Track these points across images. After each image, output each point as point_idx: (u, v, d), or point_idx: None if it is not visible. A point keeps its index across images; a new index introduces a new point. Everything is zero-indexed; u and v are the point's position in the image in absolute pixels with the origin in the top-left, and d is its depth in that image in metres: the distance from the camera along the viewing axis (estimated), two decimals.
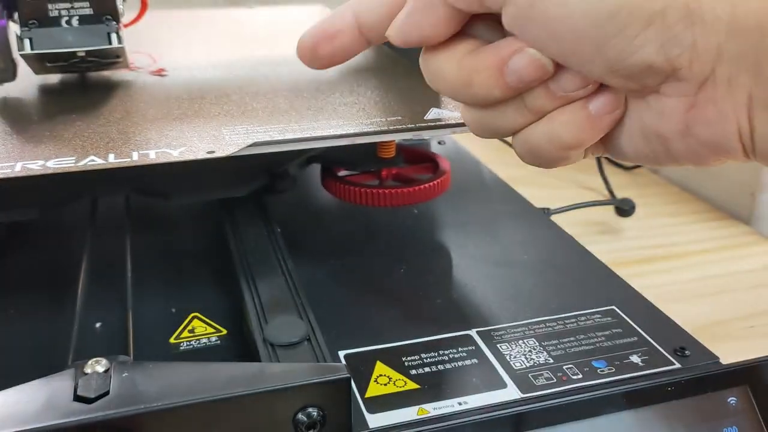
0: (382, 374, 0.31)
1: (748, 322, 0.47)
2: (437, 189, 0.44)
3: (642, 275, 0.53)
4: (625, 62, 0.21)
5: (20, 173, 0.32)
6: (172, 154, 0.34)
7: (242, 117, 0.40)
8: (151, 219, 0.47)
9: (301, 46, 0.26)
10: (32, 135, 0.38)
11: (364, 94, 0.44)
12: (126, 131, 0.38)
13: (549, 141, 0.24)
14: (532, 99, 0.24)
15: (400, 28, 0.24)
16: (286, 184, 0.46)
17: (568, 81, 0.23)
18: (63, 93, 0.47)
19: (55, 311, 0.36)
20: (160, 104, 0.43)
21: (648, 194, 0.68)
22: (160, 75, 0.50)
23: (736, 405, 0.30)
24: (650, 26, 0.21)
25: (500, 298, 0.37)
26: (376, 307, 0.37)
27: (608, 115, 0.24)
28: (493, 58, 0.23)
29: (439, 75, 0.25)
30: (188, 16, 0.71)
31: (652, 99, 0.23)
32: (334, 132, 0.37)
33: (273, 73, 0.50)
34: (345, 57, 0.27)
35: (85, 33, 0.42)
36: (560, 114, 0.24)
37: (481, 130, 0.26)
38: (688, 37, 0.21)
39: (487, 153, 0.63)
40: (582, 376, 0.31)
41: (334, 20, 0.26)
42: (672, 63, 0.21)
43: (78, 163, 0.33)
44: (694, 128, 0.22)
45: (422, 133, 0.38)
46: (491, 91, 0.24)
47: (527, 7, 0.22)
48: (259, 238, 0.41)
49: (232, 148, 0.35)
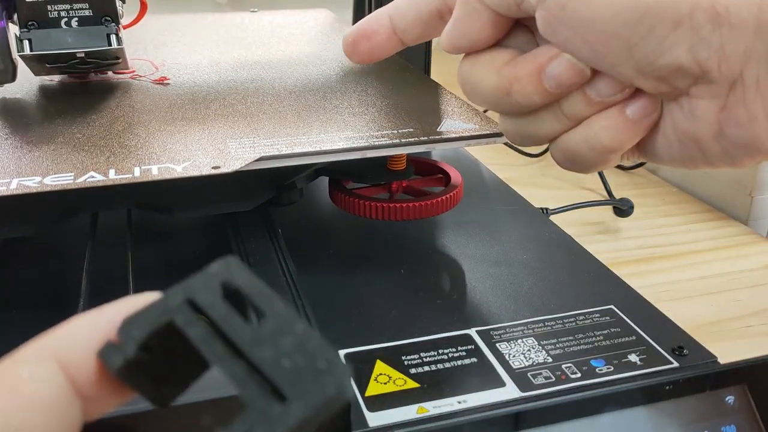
0: (381, 373, 0.31)
1: (745, 321, 0.48)
2: (449, 202, 0.43)
3: (640, 275, 0.53)
4: (655, 63, 0.22)
5: (16, 191, 0.31)
6: (175, 169, 0.33)
7: (248, 129, 0.39)
8: (153, 232, 0.46)
9: (344, 41, 0.29)
10: (30, 148, 0.36)
11: (373, 104, 0.43)
12: (128, 144, 0.37)
13: (588, 146, 0.25)
14: (569, 105, 0.25)
15: (449, 34, 0.26)
16: (292, 197, 0.44)
17: (604, 86, 0.24)
18: (63, 99, 0.46)
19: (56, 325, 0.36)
20: (163, 115, 0.42)
21: (646, 194, 0.68)
22: (162, 84, 0.49)
23: (734, 404, 0.31)
24: (678, 28, 0.21)
25: (499, 298, 0.38)
26: (376, 306, 0.37)
27: (646, 118, 0.24)
28: (532, 65, 0.24)
29: (479, 85, 0.26)
30: (191, 21, 0.69)
31: (684, 101, 0.23)
32: (343, 145, 0.36)
33: (279, 81, 0.49)
34: (382, 54, 0.29)
35: (84, 34, 0.42)
36: (598, 119, 0.24)
37: (520, 139, 0.27)
38: (715, 39, 0.21)
39: (486, 153, 0.63)
40: (580, 375, 0.31)
41: (371, 20, 0.28)
42: (701, 65, 0.21)
43: (77, 180, 0.32)
44: (726, 130, 0.22)
45: (435, 146, 0.37)
46: (530, 97, 0.25)
47: (559, 9, 0.22)
48: (265, 253, 0.40)
49: (238, 163, 0.33)
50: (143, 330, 0.15)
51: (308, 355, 0.14)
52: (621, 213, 0.61)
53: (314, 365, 0.14)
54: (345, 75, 0.50)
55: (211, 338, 0.15)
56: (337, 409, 0.14)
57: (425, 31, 0.28)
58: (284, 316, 0.15)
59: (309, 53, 0.57)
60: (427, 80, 0.49)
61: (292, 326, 0.15)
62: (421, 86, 0.47)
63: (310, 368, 0.14)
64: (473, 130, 0.38)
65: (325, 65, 0.53)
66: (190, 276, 0.16)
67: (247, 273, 0.16)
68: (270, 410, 0.14)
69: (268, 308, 0.15)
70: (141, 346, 0.15)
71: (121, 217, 0.43)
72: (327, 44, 0.61)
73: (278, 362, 0.14)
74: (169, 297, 0.16)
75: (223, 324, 0.15)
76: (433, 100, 0.44)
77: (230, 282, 0.15)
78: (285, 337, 0.15)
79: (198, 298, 0.15)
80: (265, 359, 0.14)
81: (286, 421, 0.14)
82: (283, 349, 0.14)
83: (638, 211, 0.61)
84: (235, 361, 0.15)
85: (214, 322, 0.15)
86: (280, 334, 0.15)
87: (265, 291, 0.15)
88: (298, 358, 0.14)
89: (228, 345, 0.15)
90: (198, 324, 0.15)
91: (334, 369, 0.14)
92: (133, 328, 0.15)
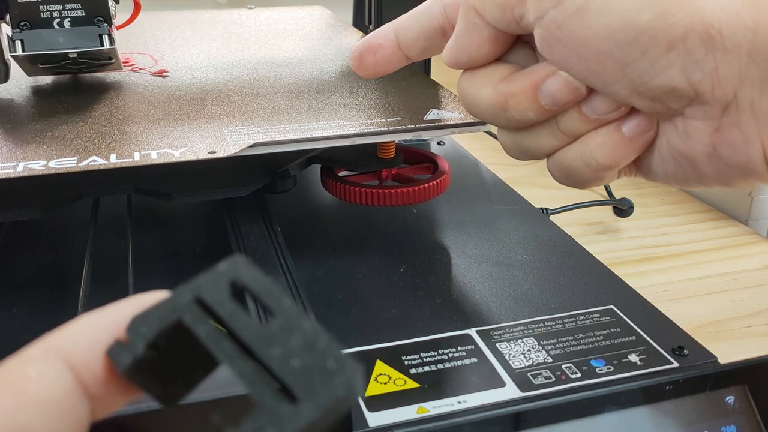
0: (382, 373, 0.31)
1: (745, 321, 0.48)
2: (437, 189, 0.44)
3: (640, 275, 0.53)
4: (649, 84, 0.22)
5: (23, 173, 0.32)
6: (173, 154, 0.34)
7: (243, 117, 0.40)
8: (152, 218, 0.47)
9: (351, 55, 0.29)
10: (34, 135, 0.38)
11: (364, 95, 0.44)
12: (128, 132, 0.38)
13: (584, 162, 0.25)
14: (565, 122, 0.25)
15: (450, 49, 0.26)
16: (286, 184, 0.46)
17: (600, 104, 0.24)
18: (63, 94, 0.47)
19: (57, 310, 0.36)
20: (161, 105, 0.43)
21: (646, 194, 0.68)
22: (161, 76, 0.50)
23: (734, 404, 0.31)
24: (672, 50, 0.21)
25: (499, 298, 0.38)
26: (376, 306, 0.37)
27: (641, 136, 0.24)
28: (528, 81, 0.25)
29: (477, 99, 0.26)
30: (189, 18, 0.70)
31: (679, 121, 0.23)
32: (335, 132, 0.37)
33: (274, 74, 0.50)
34: (387, 68, 0.29)
35: (76, 35, 0.42)
36: (594, 136, 0.25)
37: (516, 152, 0.28)
38: (709, 62, 0.21)
39: (486, 153, 0.63)
40: (581, 375, 0.31)
41: (377, 35, 0.29)
42: (694, 87, 0.21)
43: (80, 164, 0.33)
44: (720, 150, 0.23)
45: (422, 133, 0.38)
46: (526, 113, 0.25)
47: (555, 28, 0.23)
48: (260, 238, 0.41)
49: (233, 149, 0.35)
50: (152, 328, 0.15)
51: (317, 355, 0.14)
52: (621, 213, 0.61)
53: (324, 365, 0.14)
54: (338, 69, 0.52)
55: (220, 337, 0.15)
56: (345, 409, 0.14)
57: (429, 46, 0.28)
58: (292, 314, 0.15)
59: (304, 48, 0.59)
60: (417, 73, 0.50)
61: (301, 325, 0.15)
62: (410, 79, 0.48)
63: (319, 368, 0.14)
64: (459, 119, 0.39)
65: (319, 60, 0.54)
66: (197, 275, 0.16)
67: (254, 271, 0.16)
68: (280, 410, 0.14)
69: (276, 306, 0.15)
70: (150, 345, 0.15)
71: (122, 203, 0.44)
72: (321, 40, 0.62)
73: (288, 361, 0.14)
74: (177, 296, 0.16)
75: (232, 322, 0.15)
76: (422, 92, 0.46)
77: (238, 280, 0.15)
78: (294, 336, 0.14)
79: (206, 296, 0.15)
80: (275, 358, 0.14)
81: (296, 422, 0.14)
82: (292, 348, 0.14)
83: (638, 211, 0.61)
84: (244, 360, 0.15)
85: (223, 321, 0.15)
86: (288, 332, 0.15)
87: (273, 289, 0.15)
88: (308, 357, 0.14)
89: (237, 344, 0.15)
90: (207, 323, 0.15)
91: (343, 369, 0.14)
92: (142, 327, 0.15)
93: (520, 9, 0.23)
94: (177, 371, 0.16)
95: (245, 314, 0.15)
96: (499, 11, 0.24)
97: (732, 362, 0.31)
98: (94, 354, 0.15)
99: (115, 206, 0.46)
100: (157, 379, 0.16)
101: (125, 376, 0.15)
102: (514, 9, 0.24)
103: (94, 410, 0.15)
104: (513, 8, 0.24)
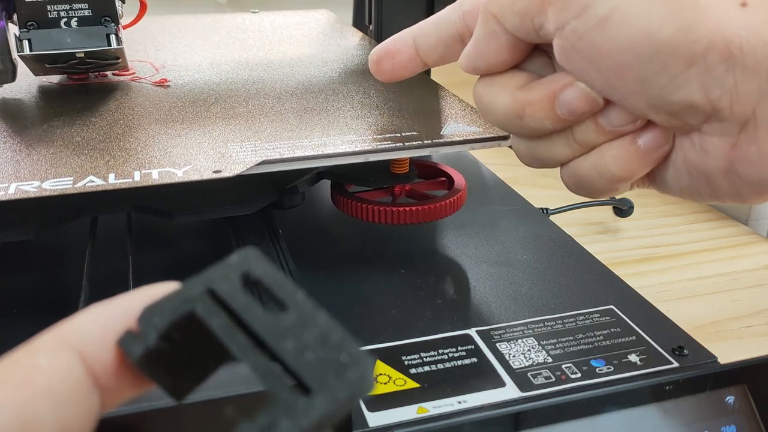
0: (382, 373, 0.31)
1: (745, 321, 0.48)
2: (453, 206, 0.42)
3: (640, 275, 0.53)
4: (667, 99, 0.22)
5: (14, 196, 0.31)
6: (176, 174, 0.33)
7: (249, 132, 0.38)
8: (154, 234, 0.45)
9: (370, 59, 0.29)
10: (29, 151, 0.36)
11: (375, 107, 0.43)
12: (127, 148, 0.36)
13: (598, 173, 0.25)
14: (581, 132, 0.25)
15: (468, 55, 0.26)
16: (294, 200, 0.44)
17: (616, 116, 0.24)
18: (63, 101, 0.45)
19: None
20: (163, 118, 0.41)
21: (646, 194, 0.68)
22: (162, 86, 0.48)
23: (734, 404, 0.31)
24: (692, 66, 0.21)
25: (499, 298, 0.38)
26: (376, 306, 0.37)
27: (657, 149, 0.24)
28: (546, 91, 0.25)
29: (493, 106, 0.26)
30: (191, 22, 0.69)
31: (696, 137, 0.23)
32: (346, 149, 0.35)
33: (281, 84, 0.48)
34: (405, 73, 0.29)
35: (83, 34, 0.42)
36: (609, 147, 0.25)
37: (530, 160, 0.27)
38: (729, 79, 0.21)
39: (487, 153, 0.63)
40: (581, 375, 0.31)
41: (396, 40, 0.29)
42: (713, 104, 0.21)
43: (76, 185, 0.31)
44: (736, 167, 0.23)
45: (439, 149, 0.36)
46: (542, 122, 0.25)
47: (576, 39, 0.22)
48: (266, 255, 0.39)
49: (240, 167, 0.33)
50: (164, 319, 0.15)
51: (331, 348, 0.14)
52: (621, 213, 0.61)
53: (338, 358, 0.14)
54: (347, 76, 0.50)
55: (233, 329, 0.15)
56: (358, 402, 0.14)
57: (446, 52, 0.28)
58: (306, 307, 0.15)
59: (310, 54, 0.57)
60: (429, 82, 0.49)
61: (314, 318, 0.15)
62: (423, 88, 0.47)
63: (333, 361, 0.14)
64: (477, 133, 0.38)
65: (327, 66, 0.53)
66: (208, 267, 0.16)
67: (266, 264, 0.15)
68: (295, 403, 0.14)
69: (289, 299, 0.15)
70: (161, 336, 0.15)
71: (122, 220, 0.43)
72: (328, 45, 0.60)
73: (301, 354, 0.14)
74: (189, 287, 0.15)
75: (245, 315, 0.15)
76: (436, 102, 0.44)
77: (251, 273, 0.15)
78: (307, 329, 0.14)
79: (218, 288, 0.15)
80: (288, 351, 0.14)
81: (311, 415, 0.14)
82: (305, 341, 0.14)
83: (638, 211, 0.61)
84: (257, 353, 0.14)
85: (236, 313, 0.15)
86: (302, 325, 0.14)
87: (285, 282, 0.15)
88: (321, 350, 0.14)
89: (250, 336, 0.15)
90: (219, 314, 0.15)
91: (357, 362, 0.14)
92: (154, 317, 0.15)
93: (540, 18, 0.23)
94: (188, 363, 0.16)
95: (259, 307, 0.15)
96: (518, 19, 0.24)
97: (732, 362, 0.31)
98: (105, 344, 0.15)
99: (114, 223, 0.44)
100: (168, 371, 0.16)
101: (136, 367, 0.15)
102: (534, 18, 0.23)
103: (103, 401, 0.15)
104: (533, 17, 0.23)
